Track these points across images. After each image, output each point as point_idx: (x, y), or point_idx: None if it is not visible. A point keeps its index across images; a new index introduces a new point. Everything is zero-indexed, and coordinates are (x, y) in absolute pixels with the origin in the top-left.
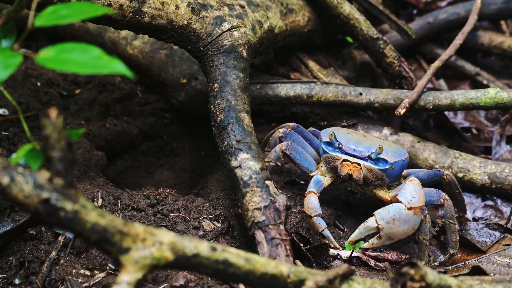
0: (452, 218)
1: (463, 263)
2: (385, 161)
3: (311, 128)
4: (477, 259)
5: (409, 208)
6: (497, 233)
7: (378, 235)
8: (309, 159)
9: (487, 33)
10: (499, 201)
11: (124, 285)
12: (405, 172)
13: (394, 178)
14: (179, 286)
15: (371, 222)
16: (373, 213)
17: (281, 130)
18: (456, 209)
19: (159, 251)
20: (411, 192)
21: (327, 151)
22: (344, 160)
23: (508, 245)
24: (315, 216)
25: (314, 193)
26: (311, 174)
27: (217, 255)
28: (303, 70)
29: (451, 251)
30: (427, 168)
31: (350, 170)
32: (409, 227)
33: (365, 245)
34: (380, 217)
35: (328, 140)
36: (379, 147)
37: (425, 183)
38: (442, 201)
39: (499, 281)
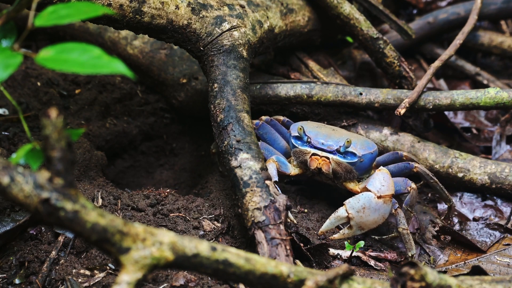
0: (411, 207)
1: (463, 262)
2: (354, 154)
3: (285, 118)
4: (477, 259)
5: (379, 197)
6: (497, 233)
7: (349, 225)
8: (279, 155)
9: (487, 33)
10: (499, 201)
11: (124, 285)
12: (375, 164)
13: (363, 171)
14: (179, 286)
15: (341, 212)
16: (343, 202)
17: (254, 121)
18: (442, 200)
19: (159, 251)
20: (380, 180)
21: (296, 145)
22: (313, 154)
23: (508, 245)
24: None
25: (274, 161)
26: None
27: (217, 255)
28: (303, 70)
29: (409, 254)
30: (427, 168)
31: (319, 164)
32: (379, 215)
33: (335, 236)
34: (350, 206)
35: (297, 134)
36: (347, 141)
37: (395, 175)
38: (409, 189)
39: (499, 281)
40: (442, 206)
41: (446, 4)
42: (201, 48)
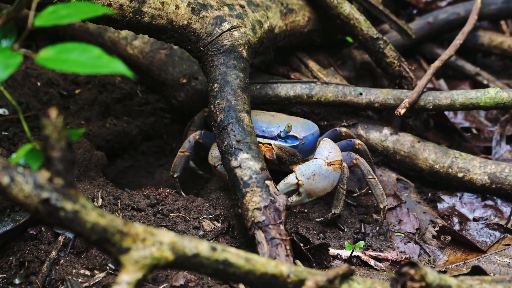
0: (369, 174)
1: (463, 262)
2: (295, 137)
3: None
4: (477, 259)
5: (329, 164)
6: (497, 233)
7: (298, 192)
8: None
9: (487, 33)
10: (499, 201)
11: (124, 285)
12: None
13: (307, 153)
14: (179, 286)
15: (291, 178)
16: (293, 169)
17: (199, 114)
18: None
19: (159, 251)
20: (327, 148)
21: None
22: None
23: (508, 245)
24: (219, 165)
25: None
26: None
27: (217, 255)
28: (303, 70)
29: (381, 206)
30: (427, 169)
31: (263, 151)
32: (328, 183)
33: None
34: (301, 173)
35: None
36: (288, 125)
37: None
38: (355, 161)
39: (499, 281)
40: (442, 206)
41: (446, 4)
42: (201, 48)
